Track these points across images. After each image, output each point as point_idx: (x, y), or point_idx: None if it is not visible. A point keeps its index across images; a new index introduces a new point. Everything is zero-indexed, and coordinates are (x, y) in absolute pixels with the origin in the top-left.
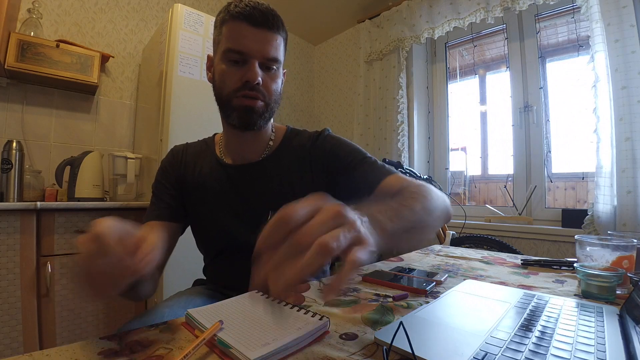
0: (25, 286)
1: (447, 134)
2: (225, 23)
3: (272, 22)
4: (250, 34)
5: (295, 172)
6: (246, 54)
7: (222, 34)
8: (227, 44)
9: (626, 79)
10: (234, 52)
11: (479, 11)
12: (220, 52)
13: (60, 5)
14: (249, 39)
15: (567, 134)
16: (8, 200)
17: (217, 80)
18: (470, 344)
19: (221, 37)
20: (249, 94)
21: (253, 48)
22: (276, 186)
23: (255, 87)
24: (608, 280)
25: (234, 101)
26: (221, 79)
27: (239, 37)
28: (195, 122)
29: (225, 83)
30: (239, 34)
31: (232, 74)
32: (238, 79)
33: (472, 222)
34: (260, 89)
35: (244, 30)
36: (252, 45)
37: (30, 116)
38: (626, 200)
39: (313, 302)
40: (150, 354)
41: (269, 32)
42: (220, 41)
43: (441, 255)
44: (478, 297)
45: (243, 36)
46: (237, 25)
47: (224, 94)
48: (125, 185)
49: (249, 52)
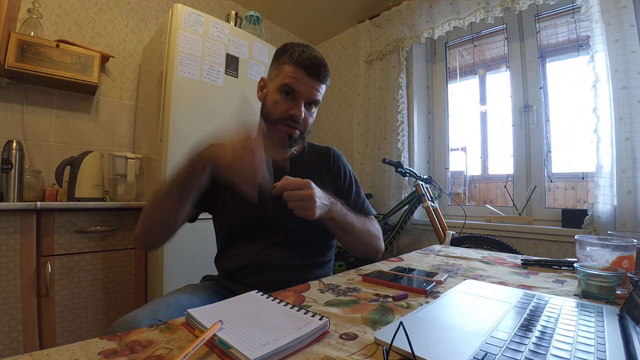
0: (25, 286)
1: (447, 134)
2: (288, 64)
3: (324, 75)
4: (305, 81)
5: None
6: (297, 94)
7: (283, 71)
8: (286, 80)
9: (626, 79)
10: (289, 88)
11: (479, 11)
12: (277, 84)
13: (60, 5)
14: (302, 84)
15: (567, 134)
16: (8, 200)
17: (269, 105)
18: (470, 344)
19: (280, 73)
20: (291, 124)
21: (304, 91)
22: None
23: (298, 120)
24: (608, 280)
25: (279, 126)
26: (273, 105)
27: (296, 80)
28: (195, 122)
29: (275, 109)
30: (297, 78)
31: (282, 104)
32: (286, 109)
33: (472, 222)
34: (300, 122)
35: (301, 77)
36: (304, 89)
37: (30, 116)
38: (626, 200)
39: (313, 302)
40: (150, 354)
41: (318, 82)
42: (279, 75)
43: (441, 255)
44: (478, 297)
45: (299, 80)
46: (297, 71)
47: (272, 117)
48: (125, 185)
49: (300, 93)
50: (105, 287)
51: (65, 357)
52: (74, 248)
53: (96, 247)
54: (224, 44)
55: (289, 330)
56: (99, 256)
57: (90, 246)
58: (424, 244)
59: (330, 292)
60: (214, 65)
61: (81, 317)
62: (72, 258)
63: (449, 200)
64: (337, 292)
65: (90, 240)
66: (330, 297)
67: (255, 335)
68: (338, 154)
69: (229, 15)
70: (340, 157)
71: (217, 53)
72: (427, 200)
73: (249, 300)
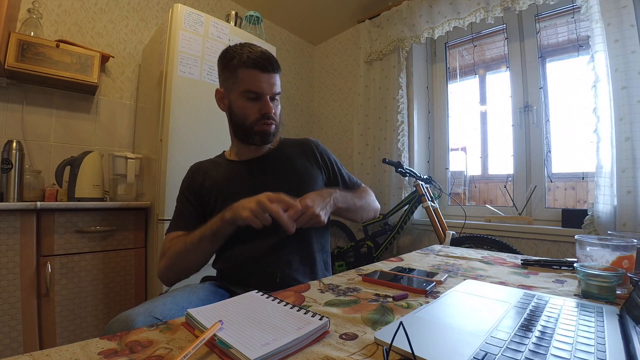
0: (25, 286)
1: (447, 134)
2: (240, 69)
3: (275, 66)
4: (262, 79)
5: (295, 159)
6: (261, 94)
7: (239, 78)
8: (246, 86)
9: (626, 79)
10: (252, 92)
11: (479, 11)
12: (238, 90)
13: (60, 5)
14: (262, 82)
15: (567, 134)
16: (8, 200)
17: (238, 114)
18: (470, 344)
19: (237, 80)
20: (266, 122)
21: (265, 89)
22: (282, 171)
23: (271, 116)
24: (608, 280)
25: (255, 128)
26: (242, 112)
27: (255, 81)
28: (195, 122)
29: (246, 116)
30: (255, 79)
31: (251, 108)
32: (256, 111)
33: (472, 222)
34: (272, 116)
35: (258, 76)
36: (265, 86)
37: (30, 116)
38: (626, 200)
39: (313, 302)
40: (150, 354)
41: (273, 74)
42: (237, 82)
43: (441, 255)
44: (478, 297)
45: (258, 80)
46: (251, 72)
47: (246, 123)
48: (125, 185)
49: (263, 92)
50: (105, 287)
51: (65, 357)
52: (74, 248)
53: (96, 247)
54: (224, 44)
55: (289, 330)
56: (99, 256)
57: (90, 246)
58: (424, 244)
59: (330, 292)
60: (214, 65)
61: (81, 317)
62: (72, 258)
63: (449, 200)
64: (337, 292)
65: (90, 240)
66: (330, 297)
67: (255, 335)
68: (316, 142)
69: (229, 15)
70: (319, 145)
71: (217, 53)
72: (427, 200)
73: (249, 300)
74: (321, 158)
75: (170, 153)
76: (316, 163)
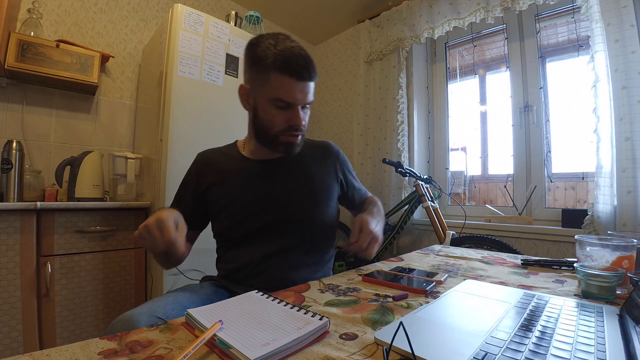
0: (25, 286)
1: (447, 134)
2: (273, 72)
3: (313, 74)
4: (297, 88)
5: (312, 167)
6: (293, 104)
7: (270, 82)
8: (277, 94)
9: (626, 79)
10: (283, 102)
11: (479, 11)
12: (268, 96)
13: (60, 5)
14: (295, 92)
15: (567, 134)
16: (8, 200)
17: (264, 119)
18: (470, 344)
19: (267, 83)
20: (294, 133)
21: (298, 98)
22: (298, 179)
23: (299, 127)
24: (608, 280)
25: (280, 138)
26: (269, 120)
27: (288, 90)
28: (195, 122)
29: (273, 124)
30: (288, 88)
31: (279, 117)
32: (284, 121)
33: (472, 222)
34: (301, 128)
35: (292, 85)
36: (298, 96)
37: (30, 116)
38: (626, 200)
39: (313, 302)
40: (150, 354)
41: (309, 83)
42: (266, 85)
43: (441, 255)
44: (478, 297)
45: (291, 90)
46: (285, 79)
47: (271, 132)
48: (125, 185)
49: (295, 103)
50: (105, 287)
51: (65, 357)
52: (74, 248)
53: (96, 247)
54: (224, 44)
55: (289, 330)
56: (99, 256)
57: (90, 246)
58: (424, 244)
59: (330, 292)
60: (214, 65)
61: (81, 317)
62: (72, 258)
63: (449, 200)
64: (337, 292)
65: (90, 240)
66: (330, 297)
67: (255, 335)
68: (337, 150)
69: (229, 15)
70: (339, 154)
71: (217, 53)
72: (427, 200)
73: (249, 300)
74: (341, 171)
75: (170, 153)
76: (335, 175)
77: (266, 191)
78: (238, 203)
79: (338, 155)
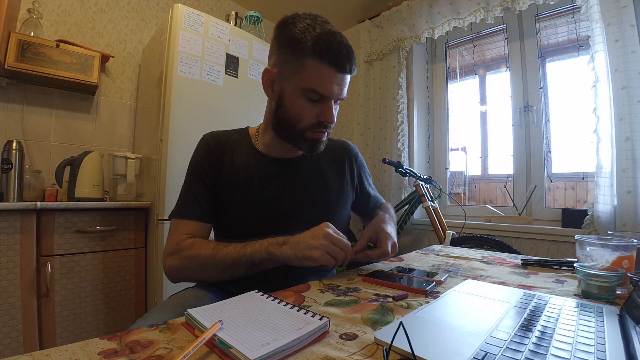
0: (25, 286)
1: (447, 134)
2: (310, 58)
3: (354, 66)
4: (335, 80)
5: (329, 171)
6: (327, 98)
7: (305, 69)
8: (311, 84)
9: (626, 79)
10: (317, 93)
11: (479, 11)
12: (299, 85)
13: (60, 5)
14: (333, 84)
15: (567, 134)
16: (8, 200)
17: (291, 111)
18: (470, 344)
19: (302, 70)
20: (322, 130)
21: (335, 92)
22: (313, 185)
23: (329, 125)
24: (608, 280)
25: (307, 134)
26: (296, 112)
27: (325, 82)
28: (195, 122)
29: (301, 117)
30: (326, 79)
31: (309, 110)
32: (314, 116)
33: (472, 222)
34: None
35: (331, 76)
36: (335, 89)
37: (30, 116)
38: (626, 200)
39: (313, 302)
40: (150, 354)
41: (347, 76)
42: (300, 72)
43: (441, 255)
44: (478, 297)
45: (329, 82)
46: (324, 68)
47: (297, 127)
48: (125, 185)
49: (331, 96)
50: (105, 287)
51: (65, 357)
52: (74, 248)
53: (96, 247)
54: (224, 44)
55: (289, 330)
56: (99, 256)
57: (90, 246)
58: (424, 244)
59: (330, 292)
60: (214, 65)
61: (81, 317)
62: (72, 258)
63: (449, 200)
64: (337, 292)
65: (90, 240)
66: (330, 297)
67: (255, 335)
68: (356, 152)
69: (229, 15)
70: (358, 156)
71: (217, 53)
72: (427, 200)
73: (249, 300)
74: (357, 175)
75: (170, 153)
76: (351, 180)
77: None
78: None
79: (356, 158)
